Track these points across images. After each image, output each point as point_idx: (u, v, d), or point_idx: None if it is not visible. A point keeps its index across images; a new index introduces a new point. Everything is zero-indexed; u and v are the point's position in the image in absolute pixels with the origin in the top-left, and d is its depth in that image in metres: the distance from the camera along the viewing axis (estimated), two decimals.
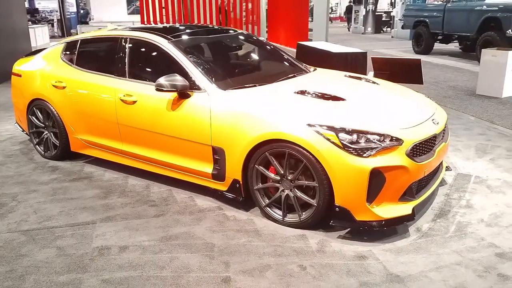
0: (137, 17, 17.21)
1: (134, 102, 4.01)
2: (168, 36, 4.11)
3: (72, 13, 27.33)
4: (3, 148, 5.48)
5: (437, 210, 3.59)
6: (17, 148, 5.46)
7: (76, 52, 4.75)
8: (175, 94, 3.74)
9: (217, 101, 3.58)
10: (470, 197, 3.81)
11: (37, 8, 27.98)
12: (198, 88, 3.70)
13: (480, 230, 3.27)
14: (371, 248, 3.07)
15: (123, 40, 4.33)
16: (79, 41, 4.81)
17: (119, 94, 4.11)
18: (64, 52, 4.86)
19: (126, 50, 4.27)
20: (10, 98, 8.20)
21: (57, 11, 26.59)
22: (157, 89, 3.66)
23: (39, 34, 18.08)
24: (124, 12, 17.94)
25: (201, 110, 3.62)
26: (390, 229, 3.24)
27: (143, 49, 4.29)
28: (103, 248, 3.15)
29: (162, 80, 3.64)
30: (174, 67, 3.86)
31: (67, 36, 23.53)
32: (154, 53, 4.18)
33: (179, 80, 3.64)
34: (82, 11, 27.33)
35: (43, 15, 27.30)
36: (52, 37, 22.09)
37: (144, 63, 4.38)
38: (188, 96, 3.71)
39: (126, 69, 4.21)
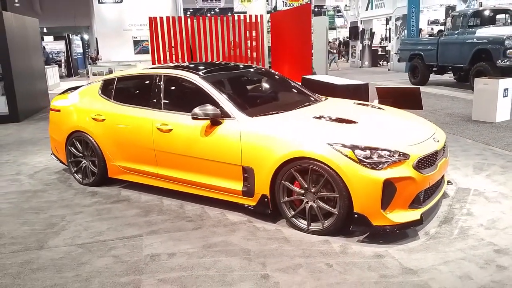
0: (143, 57, 17.98)
1: (170, 130, 4.55)
2: (199, 73, 4.70)
3: (79, 54, 28.34)
4: (41, 177, 5.98)
5: (442, 217, 4.09)
6: (54, 177, 5.96)
7: (113, 89, 5.32)
8: (207, 122, 4.28)
9: (246, 127, 4.12)
10: (470, 207, 4.31)
11: (44, 49, 28.97)
12: (228, 116, 4.25)
13: (480, 232, 3.76)
14: (387, 248, 3.55)
15: (157, 77, 4.91)
16: (116, 79, 5.40)
17: (156, 124, 4.66)
18: (102, 89, 5.43)
19: (161, 85, 4.84)
20: (35, 134, 8.81)
21: (64, 52, 27.62)
22: (193, 118, 4.21)
23: (50, 75, 18.85)
24: (131, 52, 18.71)
25: (232, 135, 4.15)
26: (402, 233, 3.73)
27: (176, 84, 4.88)
28: (153, 255, 3.62)
29: (196, 109, 4.20)
30: (206, 99, 4.41)
31: (74, 76, 24.39)
32: (187, 87, 4.75)
33: (211, 109, 4.20)
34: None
35: (51, 56, 28.25)
36: (61, 77, 22.88)
37: (178, 96, 4.94)
38: (219, 123, 4.26)
39: (162, 102, 4.77)
